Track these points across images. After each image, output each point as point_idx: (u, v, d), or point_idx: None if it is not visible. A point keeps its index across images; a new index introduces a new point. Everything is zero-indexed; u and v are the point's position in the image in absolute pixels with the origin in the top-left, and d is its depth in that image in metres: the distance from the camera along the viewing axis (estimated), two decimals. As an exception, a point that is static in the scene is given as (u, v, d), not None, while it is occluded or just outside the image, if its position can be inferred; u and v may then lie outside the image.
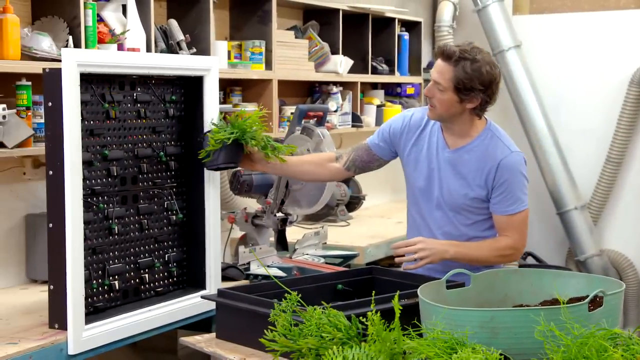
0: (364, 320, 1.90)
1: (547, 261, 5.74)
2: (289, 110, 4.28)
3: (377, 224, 4.69)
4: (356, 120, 4.90)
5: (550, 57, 5.82)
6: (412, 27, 5.49)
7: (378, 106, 5.20)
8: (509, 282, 2.44)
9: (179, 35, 3.57)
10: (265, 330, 2.01)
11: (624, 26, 5.59)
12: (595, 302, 2.07)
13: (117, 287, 2.67)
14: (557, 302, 2.17)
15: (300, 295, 2.12)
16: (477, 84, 2.69)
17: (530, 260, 5.77)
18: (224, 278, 3.07)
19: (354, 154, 3.04)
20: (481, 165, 2.81)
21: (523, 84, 5.57)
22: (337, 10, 4.66)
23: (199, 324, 2.86)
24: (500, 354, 1.77)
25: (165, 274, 2.87)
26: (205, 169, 2.86)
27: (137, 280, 2.76)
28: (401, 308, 1.86)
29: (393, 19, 5.21)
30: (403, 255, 2.78)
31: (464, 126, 2.83)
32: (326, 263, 3.51)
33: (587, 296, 2.02)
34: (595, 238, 5.62)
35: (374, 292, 2.06)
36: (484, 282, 2.41)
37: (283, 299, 2.11)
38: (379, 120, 5.17)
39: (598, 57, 5.64)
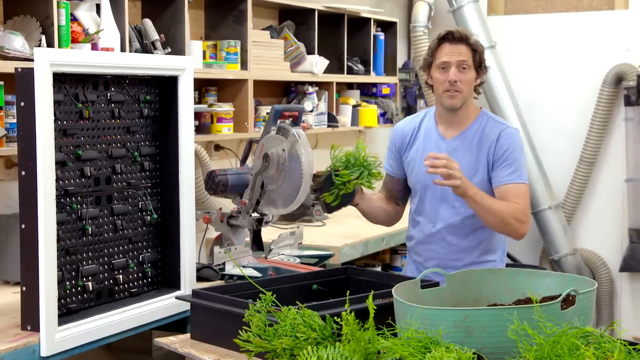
0: (339, 320, 1.90)
1: (522, 260, 5.77)
2: (265, 110, 4.28)
3: (353, 224, 4.69)
4: (332, 120, 4.90)
5: (525, 58, 5.86)
6: (387, 27, 5.51)
7: (354, 106, 5.21)
8: (483, 281, 2.45)
9: (154, 35, 3.56)
10: (239, 331, 2.01)
11: (597, 27, 5.64)
12: (568, 301, 2.08)
13: (90, 288, 2.65)
14: (530, 301, 2.19)
15: (275, 295, 2.12)
16: (484, 56, 2.91)
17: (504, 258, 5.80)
18: (199, 278, 3.06)
19: (389, 188, 3.15)
20: (482, 144, 2.91)
21: (498, 85, 5.60)
22: (313, 10, 4.66)
23: (174, 325, 2.85)
24: (474, 353, 1.78)
25: (140, 274, 2.85)
26: (326, 212, 2.98)
27: (111, 281, 2.74)
28: (375, 308, 1.86)
29: (368, 19, 5.22)
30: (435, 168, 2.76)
31: (468, 110, 2.94)
32: (302, 263, 3.50)
33: (560, 295, 2.03)
34: (569, 237, 5.67)
35: (348, 292, 2.06)
36: (459, 282, 2.42)
37: (258, 300, 2.11)
38: (354, 120, 5.18)
39: (572, 58, 5.69)
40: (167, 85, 2.89)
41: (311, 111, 4.69)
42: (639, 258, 5.49)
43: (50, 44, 2.99)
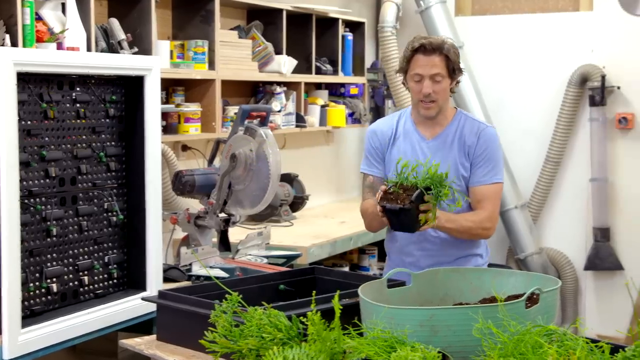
0: (305, 320, 1.90)
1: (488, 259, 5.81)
2: (233, 110, 4.26)
3: (321, 224, 4.70)
4: (300, 120, 4.90)
5: (492, 58, 5.90)
6: (355, 27, 5.51)
7: (322, 106, 5.21)
8: (449, 280, 2.46)
9: (120, 35, 3.53)
10: (205, 332, 2.00)
11: (562, 28, 5.69)
12: (532, 300, 2.10)
13: (55, 290, 2.63)
14: (495, 300, 2.21)
15: (242, 295, 2.11)
16: (458, 59, 2.92)
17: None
18: (166, 279, 3.05)
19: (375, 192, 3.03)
20: (462, 143, 2.95)
21: (465, 85, 5.62)
22: (281, 10, 4.66)
23: (140, 326, 2.84)
24: (439, 352, 1.79)
25: (105, 275, 2.84)
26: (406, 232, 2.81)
27: (76, 282, 2.72)
28: (341, 308, 1.87)
29: (337, 20, 5.23)
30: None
31: (444, 112, 2.97)
32: (269, 263, 3.50)
33: (524, 294, 2.05)
34: (534, 236, 5.72)
35: (314, 292, 2.06)
36: (425, 281, 2.43)
37: (224, 300, 2.10)
38: (322, 121, 5.19)
39: (538, 58, 5.73)
40: (133, 85, 2.88)
41: (279, 111, 4.68)
42: (603, 257, 5.55)
43: (14, 44, 2.96)
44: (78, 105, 2.73)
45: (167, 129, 3.89)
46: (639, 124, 5.49)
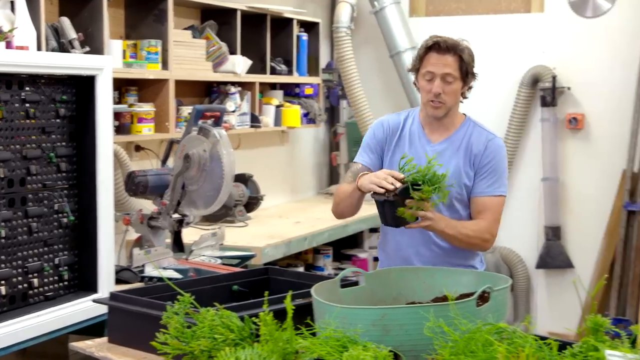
0: (258, 320, 1.90)
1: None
2: (187, 110, 4.24)
3: (276, 224, 4.70)
4: (255, 120, 4.89)
5: (446, 59, 5.94)
6: (310, 27, 5.52)
7: (277, 106, 5.20)
8: (402, 280, 2.48)
9: (71, 34, 3.49)
10: (157, 333, 1.99)
11: (514, 29, 5.76)
12: (483, 298, 2.12)
13: (3, 293, 2.58)
14: (447, 299, 2.22)
15: (195, 297, 2.10)
16: (474, 63, 2.86)
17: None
18: (118, 281, 3.02)
19: None
20: (468, 150, 2.88)
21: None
22: (235, 10, 4.64)
23: (92, 329, 2.81)
24: (390, 351, 1.80)
25: (56, 277, 2.80)
26: (393, 227, 2.75)
27: (25, 284, 2.68)
28: (294, 308, 1.87)
29: (291, 20, 5.23)
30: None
31: (453, 116, 2.91)
32: (223, 264, 3.49)
33: (475, 292, 2.07)
34: (489, 235, 5.78)
35: (266, 292, 2.06)
36: (378, 281, 2.44)
37: (176, 301, 2.09)
38: (277, 121, 5.18)
39: (491, 59, 5.79)
40: (84, 85, 2.84)
41: (234, 111, 4.67)
42: (554, 255, 5.63)
43: (-39, 42, 2.90)
44: (27, 105, 2.68)
45: (119, 129, 3.86)
46: (588, 124, 5.59)
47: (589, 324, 1.87)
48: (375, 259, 5.73)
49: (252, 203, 4.76)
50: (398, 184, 2.63)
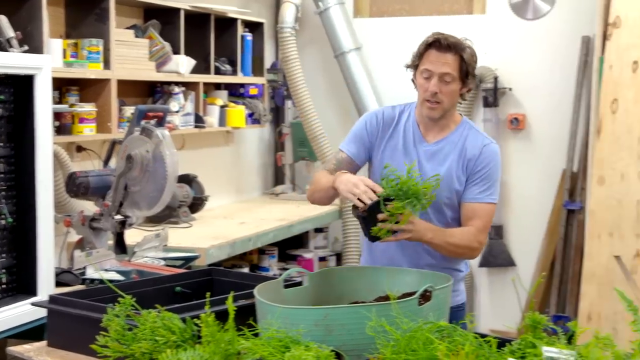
0: (200, 322, 1.89)
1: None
2: (129, 110, 4.19)
3: (220, 225, 4.68)
4: (199, 120, 4.86)
5: (390, 60, 5.98)
6: (255, 27, 5.51)
7: (221, 107, 5.18)
8: (346, 280, 2.49)
9: (9, 32, 3.42)
10: (97, 336, 1.96)
11: (457, 30, 5.78)
12: (425, 297, 2.15)
13: (-60, 297, 2.53)
14: (390, 298, 2.24)
15: (138, 298, 2.08)
16: (475, 64, 2.76)
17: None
18: (59, 284, 2.98)
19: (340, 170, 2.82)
20: (462, 154, 2.78)
21: (364, 86, 5.70)
22: (178, 9, 4.61)
23: (31, 333, 2.76)
24: (333, 351, 1.81)
25: (-6, 281, 2.75)
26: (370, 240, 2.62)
27: (-38, 288, 2.63)
28: (236, 309, 1.86)
29: (235, 20, 5.21)
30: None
31: (450, 117, 2.81)
32: (167, 265, 3.46)
33: (417, 291, 2.09)
34: (433, 235, 5.83)
35: (208, 293, 2.05)
36: (321, 281, 2.45)
37: (117, 303, 2.07)
38: (222, 121, 5.16)
39: (434, 61, 5.85)
40: (23, 85, 2.80)
41: (177, 112, 4.63)
42: (496, 254, 5.71)
43: None
44: (-37, 105, 2.63)
45: (60, 130, 3.80)
46: (529, 125, 5.68)
47: (528, 321, 1.90)
48: (321, 259, 5.75)
49: (196, 204, 4.73)
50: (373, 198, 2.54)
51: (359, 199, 2.55)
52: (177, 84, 4.66)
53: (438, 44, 2.71)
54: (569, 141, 5.51)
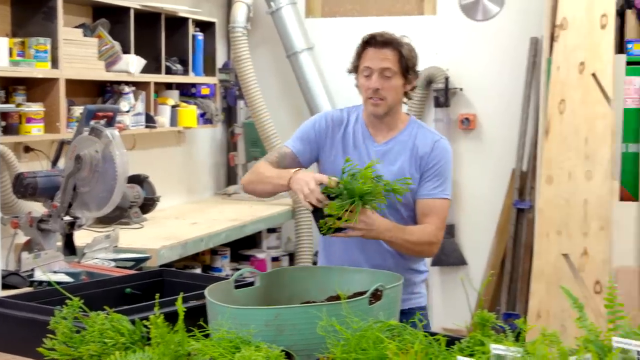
0: (149, 323, 1.87)
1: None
2: (78, 110, 4.14)
3: (172, 226, 4.65)
4: (150, 120, 4.82)
5: (342, 60, 5.93)
6: (206, 27, 5.48)
7: (173, 106, 5.15)
8: (297, 279, 2.49)
9: (-46, 30, 3.36)
10: (44, 339, 1.93)
11: (408, 31, 5.82)
12: (377, 296, 2.16)
13: None
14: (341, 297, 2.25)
15: (87, 300, 2.06)
16: (415, 60, 2.76)
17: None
18: (6, 286, 2.92)
19: (284, 166, 2.83)
20: (413, 152, 2.78)
21: (316, 86, 5.71)
22: (128, 8, 4.57)
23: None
24: (283, 351, 1.81)
25: (-61, 284, 2.69)
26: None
27: None
28: (185, 310, 1.85)
29: (186, 19, 5.17)
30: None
31: (396, 116, 2.81)
32: (117, 267, 3.42)
33: (368, 291, 2.10)
34: (385, 234, 5.87)
35: (157, 294, 2.03)
36: (272, 281, 2.44)
37: (65, 306, 2.04)
38: (173, 121, 5.13)
39: (385, 61, 5.88)
40: (-33, 84, 2.75)
41: (128, 111, 4.59)
42: (448, 252, 5.76)
43: None
44: None
45: (7, 130, 3.74)
46: (480, 125, 5.74)
47: (476, 319, 1.92)
48: (274, 259, 5.75)
49: (147, 204, 4.69)
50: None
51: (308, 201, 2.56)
52: (127, 83, 4.62)
53: (374, 40, 2.73)
54: (518, 141, 5.58)
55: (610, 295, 1.76)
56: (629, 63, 4.83)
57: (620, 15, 4.92)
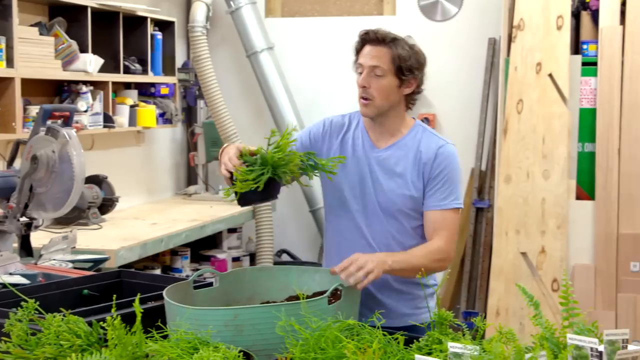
0: (107, 325, 1.86)
1: (302, 257, 5.92)
2: (35, 110, 4.09)
3: (131, 226, 4.61)
4: (108, 120, 4.78)
5: (302, 59, 6.01)
6: (165, 26, 5.44)
7: (131, 106, 5.10)
8: (256, 280, 2.49)
9: None
10: (-1, 342, 1.91)
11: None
12: (336, 296, 2.17)
13: None
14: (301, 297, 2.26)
15: (43, 302, 2.04)
16: (415, 62, 2.58)
17: (285, 257, 5.93)
18: (-41, 289, 2.87)
19: None
20: (417, 159, 2.62)
21: (276, 85, 5.70)
22: (86, 7, 4.51)
23: None
24: (241, 351, 1.80)
25: None
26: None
27: None
28: (143, 311, 1.84)
29: (145, 18, 5.13)
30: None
31: (397, 120, 2.66)
32: (75, 268, 3.38)
33: (327, 290, 2.11)
34: (345, 234, 5.88)
35: (115, 295, 2.02)
36: (231, 281, 2.45)
37: (20, 308, 2.01)
38: (132, 121, 5.08)
39: (346, 60, 5.87)
40: None
41: (85, 111, 4.54)
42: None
43: None
44: None
45: (-39, 130, 3.68)
46: (439, 125, 5.78)
47: (435, 318, 1.94)
48: (235, 260, 5.73)
49: (106, 205, 4.65)
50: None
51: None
52: (85, 83, 4.57)
53: (368, 37, 2.60)
54: (477, 140, 5.63)
55: (565, 293, 1.79)
56: (584, 64, 4.90)
57: (576, 16, 4.99)
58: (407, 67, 2.57)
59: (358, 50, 2.63)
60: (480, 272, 5.57)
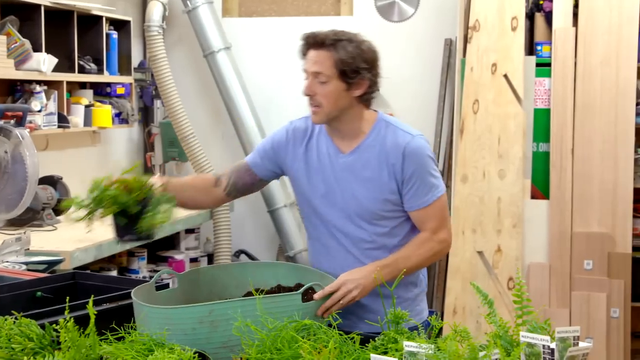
0: (60, 327, 1.83)
1: (260, 258, 5.91)
2: (-13, 110, 4.02)
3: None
4: (63, 120, 4.72)
5: (260, 59, 5.99)
6: (121, 26, 5.39)
7: (87, 106, 5.04)
8: (213, 278, 2.51)
9: None
10: (-52, 347, 1.88)
11: (326, 32, 5.89)
12: (310, 295, 2.18)
13: None
14: (270, 292, 2.32)
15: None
16: (362, 62, 2.42)
17: (243, 257, 5.92)
18: None
19: (235, 177, 2.63)
20: (383, 159, 2.47)
21: (234, 85, 5.68)
22: (39, 5, 4.45)
23: None
24: (196, 352, 1.79)
25: None
26: None
27: None
28: (96, 313, 1.82)
29: (100, 17, 5.08)
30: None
31: (355, 122, 2.51)
32: (29, 270, 3.34)
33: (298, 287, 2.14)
34: (303, 234, 5.88)
35: (68, 298, 1.99)
36: (189, 281, 2.45)
37: (-29, 312, 1.98)
38: (87, 121, 5.03)
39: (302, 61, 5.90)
40: None
41: (39, 111, 4.48)
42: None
43: None
44: None
45: None
46: (396, 124, 5.80)
47: (390, 317, 1.95)
48: (193, 260, 5.70)
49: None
50: None
51: None
52: (38, 82, 4.50)
53: (309, 41, 2.48)
54: (434, 140, 5.67)
55: (518, 291, 1.81)
56: (538, 64, 4.96)
57: (530, 18, 5.06)
58: (353, 69, 2.42)
59: (304, 54, 2.52)
60: (438, 271, 5.60)
